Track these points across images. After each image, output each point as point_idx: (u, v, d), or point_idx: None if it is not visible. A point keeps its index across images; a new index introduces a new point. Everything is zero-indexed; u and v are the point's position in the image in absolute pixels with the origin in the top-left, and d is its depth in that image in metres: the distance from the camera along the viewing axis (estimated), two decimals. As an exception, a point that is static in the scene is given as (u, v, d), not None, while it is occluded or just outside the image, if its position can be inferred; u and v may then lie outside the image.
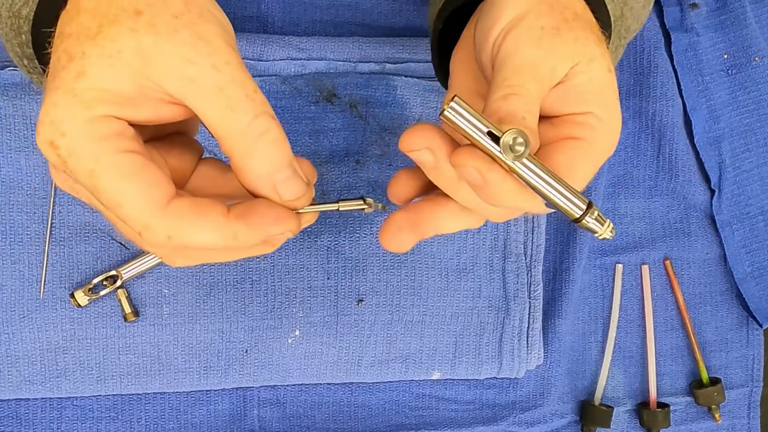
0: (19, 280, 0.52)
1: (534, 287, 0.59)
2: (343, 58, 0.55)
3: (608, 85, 0.34)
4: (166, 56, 0.29)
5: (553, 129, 0.35)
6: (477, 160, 0.31)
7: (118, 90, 0.29)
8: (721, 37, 0.62)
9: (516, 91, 0.32)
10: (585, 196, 0.33)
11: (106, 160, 0.29)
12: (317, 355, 0.56)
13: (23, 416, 0.53)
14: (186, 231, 0.30)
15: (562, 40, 0.33)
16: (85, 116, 0.29)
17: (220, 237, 0.31)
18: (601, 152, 0.35)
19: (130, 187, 0.29)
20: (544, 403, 0.61)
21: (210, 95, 0.30)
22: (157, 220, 0.30)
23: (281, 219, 0.32)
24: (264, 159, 0.31)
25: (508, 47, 0.34)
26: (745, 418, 0.65)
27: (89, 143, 0.29)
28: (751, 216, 0.63)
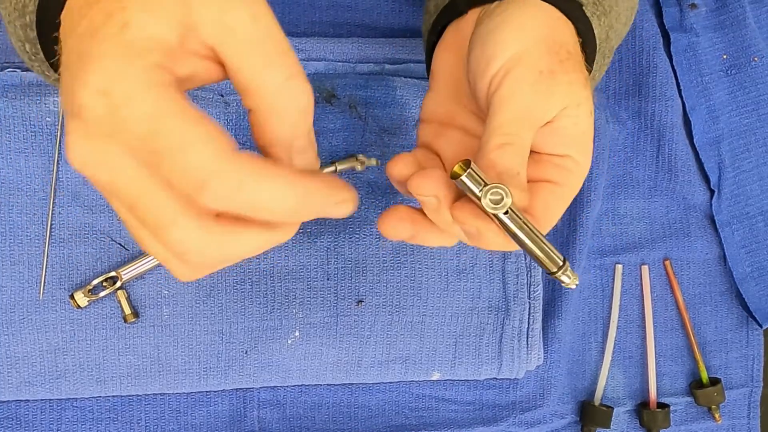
0: (18, 281, 0.52)
1: (534, 288, 0.59)
2: (342, 58, 0.55)
3: (588, 130, 0.37)
4: (206, 4, 0.28)
5: (535, 166, 0.37)
6: (477, 221, 0.34)
7: (165, 39, 0.28)
8: (720, 38, 0.62)
9: (512, 141, 0.35)
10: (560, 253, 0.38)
11: (168, 104, 0.27)
12: (317, 355, 0.56)
13: (23, 417, 0.53)
14: (258, 181, 0.28)
15: (556, 84, 0.35)
16: (139, 64, 0.27)
17: (291, 194, 0.29)
18: (572, 193, 0.38)
19: (197, 130, 0.27)
20: (544, 403, 0.61)
21: (245, 47, 0.29)
22: (229, 164, 0.27)
23: (345, 185, 0.31)
24: (288, 123, 0.31)
25: (507, 90, 0.35)
26: (745, 418, 0.65)
27: (148, 89, 0.27)
28: (751, 216, 0.63)
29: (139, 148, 0.27)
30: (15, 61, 0.51)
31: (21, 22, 0.34)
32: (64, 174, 0.52)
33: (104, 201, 0.52)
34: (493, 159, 0.35)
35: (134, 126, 0.27)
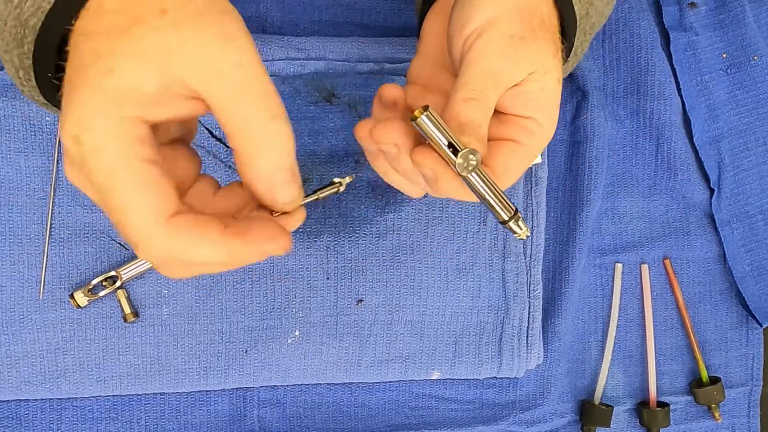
0: (18, 281, 0.52)
1: (533, 287, 0.59)
2: (342, 58, 0.55)
3: (555, 96, 0.39)
4: (191, 53, 0.30)
5: (499, 125, 0.39)
6: (435, 163, 0.37)
7: (145, 89, 0.30)
8: (720, 36, 0.62)
9: (477, 97, 0.37)
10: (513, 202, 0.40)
11: (128, 165, 0.30)
12: (317, 355, 0.56)
13: (23, 417, 0.53)
14: (186, 246, 0.31)
15: (525, 49, 0.37)
16: (114, 115, 0.29)
17: (217, 253, 0.32)
18: (533, 155, 0.40)
19: (141, 197, 0.30)
20: (544, 402, 0.61)
21: (232, 93, 0.31)
22: (160, 234, 0.30)
23: (275, 237, 0.33)
24: (269, 161, 0.32)
25: (478, 50, 0.37)
26: (744, 417, 0.65)
27: (115, 144, 0.29)
28: (751, 215, 0.63)
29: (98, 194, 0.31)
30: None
31: (18, 51, 0.35)
32: (63, 173, 0.52)
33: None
34: (457, 111, 0.37)
35: (95, 176, 0.30)
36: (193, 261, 0.32)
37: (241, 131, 0.31)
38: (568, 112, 0.61)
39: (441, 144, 0.36)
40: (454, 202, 0.57)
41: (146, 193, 0.30)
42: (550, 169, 0.60)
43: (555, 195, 0.61)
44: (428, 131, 0.36)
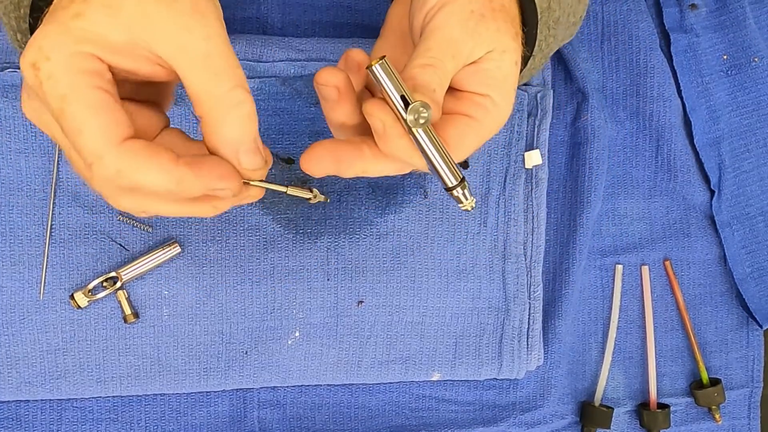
0: (18, 281, 0.52)
1: (534, 288, 0.59)
2: (342, 59, 0.55)
3: (511, 76, 0.39)
4: (164, 21, 0.32)
5: (455, 102, 0.39)
6: (385, 114, 0.36)
7: (110, 38, 0.32)
8: (720, 38, 0.62)
9: (434, 63, 0.37)
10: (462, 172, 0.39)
11: (78, 90, 0.31)
12: (317, 356, 0.56)
13: (23, 418, 0.53)
14: (135, 169, 0.32)
15: (485, 27, 0.38)
16: (71, 49, 0.31)
17: (165, 179, 0.33)
18: (488, 132, 0.40)
19: (92, 119, 0.31)
20: (544, 404, 0.61)
21: (198, 61, 0.33)
22: (110, 154, 0.32)
23: (225, 176, 0.34)
24: (234, 127, 0.34)
25: (438, 21, 0.38)
26: (745, 418, 0.65)
27: (68, 72, 0.31)
28: (751, 216, 0.63)
29: (54, 119, 0.32)
30: (15, 61, 0.51)
31: (15, 14, 0.37)
32: (64, 174, 0.52)
33: (104, 202, 0.52)
34: (414, 74, 0.37)
35: (50, 101, 0.32)
36: (141, 186, 0.32)
37: (206, 99, 0.33)
38: (568, 113, 0.61)
39: (393, 96, 0.35)
40: (455, 204, 0.57)
41: (98, 116, 0.32)
42: (550, 170, 0.60)
43: (555, 196, 0.61)
44: (381, 80, 0.35)
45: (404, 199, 0.56)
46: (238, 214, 0.54)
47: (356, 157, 0.39)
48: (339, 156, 0.38)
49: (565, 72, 0.60)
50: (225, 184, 0.34)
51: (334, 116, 0.39)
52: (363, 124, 0.39)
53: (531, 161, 0.58)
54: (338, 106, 0.38)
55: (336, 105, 0.38)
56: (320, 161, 0.38)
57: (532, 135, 0.58)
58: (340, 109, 0.38)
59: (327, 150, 0.38)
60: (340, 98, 0.38)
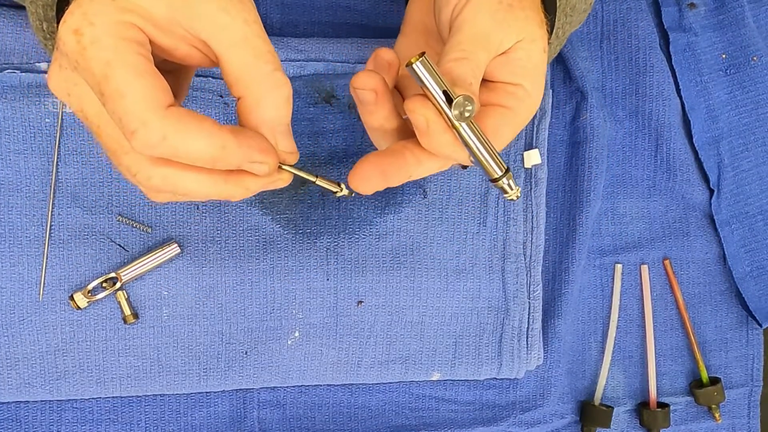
0: (18, 282, 0.52)
1: (533, 287, 0.59)
2: (341, 59, 0.55)
3: (541, 64, 0.40)
4: (206, 1, 0.33)
5: (488, 93, 0.40)
6: (427, 110, 0.36)
7: (153, 12, 0.32)
8: (719, 37, 0.62)
9: (468, 56, 0.37)
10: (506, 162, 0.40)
11: (124, 55, 0.31)
12: (317, 356, 0.56)
13: (23, 419, 0.53)
14: (181, 133, 0.32)
15: (513, 17, 0.38)
16: (116, 17, 0.32)
17: (210, 144, 0.32)
18: (523, 120, 0.40)
19: (138, 82, 0.31)
20: (544, 403, 0.61)
21: (238, 43, 0.33)
22: (156, 118, 0.31)
23: (264, 149, 0.34)
24: (275, 108, 0.35)
25: (467, 14, 0.38)
26: (745, 417, 0.65)
27: (113, 38, 0.31)
28: (750, 215, 0.63)
29: (94, 87, 0.32)
30: (14, 61, 0.51)
31: (42, 2, 0.37)
32: (63, 175, 0.52)
33: (104, 202, 0.52)
34: (449, 68, 0.37)
35: (93, 65, 0.31)
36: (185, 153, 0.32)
37: (247, 78, 0.34)
38: (567, 113, 0.61)
39: (435, 92, 0.35)
40: (454, 203, 0.57)
41: (143, 81, 0.31)
42: (549, 170, 0.60)
43: (555, 196, 0.61)
44: (423, 77, 0.35)
45: (403, 199, 0.56)
46: (238, 214, 0.54)
47: (400, 165, 0.39)
48: (384, 169, 0.39)
49: (564, 71, 0.60)
50: (265, 158, 0.34)
51: (373, 120, 0.39)
52: (401, 127, 0.40)
53: (530, 160, 0.58)
54: (377, 109, 0.38)
55: (374, 108, 0.38)
56: (369, 179, 0.39)
57: (531, 134, 0.58)
58: (379, 113, 0.39)
59: (373, 166, 0.39)
60: (378, 101, 0.38)
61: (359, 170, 0.39)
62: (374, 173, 0.39)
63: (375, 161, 0.39)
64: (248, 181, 0.36)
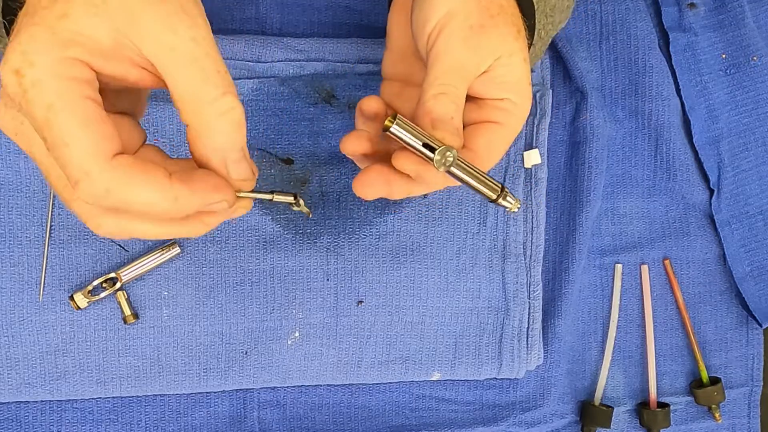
0: (18, 282, 0.52)
1: (533, 287, 0.59)
2: (341, 59, 0.55)
3: (523, 75, 0.40)
4: (150, 20, 0.30)
5: (477, 110, 0.41)
6: (414, 165, 0.38)
7: (97, 38, 0.30)
8: (719, 37, 0.62)
9: (446, 90, 0.38)
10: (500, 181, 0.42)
11: (67, 99, 0.29)
12: (317, 356, 0.56)
13: (23, 419, 0.53)
14: (127, 187, 0.30)
15: (487, 38, 0.38)
16: (59, 54, 0.29)
17: (160, 197, 0.31)
18: (513, 132, 0.41)
19: (81, 131, 0.29)
20: (544, 403, 0.61)
21: (185, 64, 0.31)
22: (100, 170, 0.30)
23: (220, 187, 0.33)
24: (222, 135, 0.33)
25: (441, 45, 0.38)
26: (745, 417, 0.65)
27: (56, 79, 0.29)
28: (750, 215, 0.63)
29: (38, 130, 0.30)
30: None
31: None
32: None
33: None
34: (429, 107, 0.38)
35: (34, 110, 0.29)
36: (132, 205, 0.30)
37: (193, 104, 0.32)
38: (567, 113, 0.61)
39: (417, 148, 0.37)
40: (454, 203, 0.57)
41: (87, 128, 0.30)
42: (549, 170, 0.60)
43: (555, 196, 0.61)
44: (403, 138, 0.37)
45: (403, 199, 0.56)
46: (238, 215, 0.54)
47: (405, 181, 0.40)
48: (389, 179, 0.40)
49: (564, 71, 0.60)
50: (221, 196, 0.33)
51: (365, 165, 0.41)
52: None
53: (530, 161, 0.58)
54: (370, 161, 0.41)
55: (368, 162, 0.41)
56: (372, 185, 0.40)
57: (531, 134, 0.58)
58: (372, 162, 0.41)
59: (378, 173, 0.40)
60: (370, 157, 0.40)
61: (365, 176, 0.40)
62: (379, 181, 0.40)
63: (381, 170, 0.40)
64: (207, 218, 0.35)
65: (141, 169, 0.31)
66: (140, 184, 0.30)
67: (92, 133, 0.30)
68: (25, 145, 0.32)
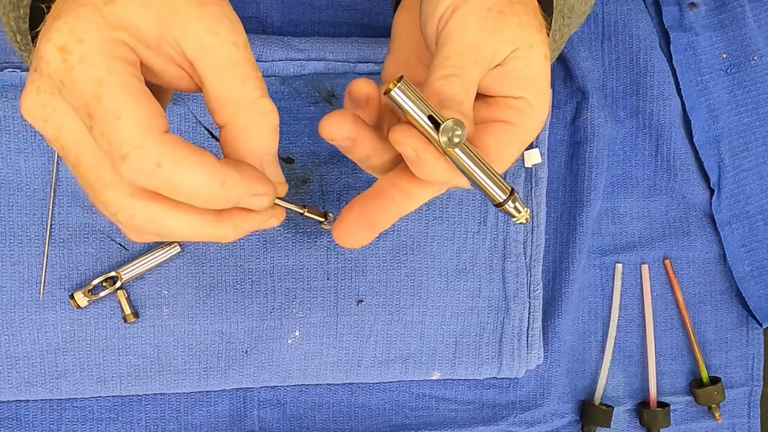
0: (18, 281, 0.52)
1: (534, 287, 0.59)
2: (342, 58, 0.55)
3: (543, 73, 0.36)
4: (194, 19, 0.30)
5: (487, 108, 0.36)
6: (414, 140, 0.33)
7: (143, 28, 0.30)
8: (719, 37, 0.62)
9: (457, 72, 0.34)
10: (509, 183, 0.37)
11: (117, 74, 0.29)
12: (317, 355, 0.56)
13: (23, 418, 0.53)
14: (179, 163, 0.29)
15: (506, 24, 0.34)
16: (107, 34, 0.29)
17: (210, 178, 0.30)
18: (528, 136, 0.37)
19: (135, 104, 0.29)
20: (544, 402, 0.61)
21: (224, 66, 0.31)
22: (153, 143, 0.29)
23: (264, 180, 0.32)
24: (261, 136, 0.32)
25: (454, 25, 0.35)
26: (745, 417, 0.65)
27: (105, 56, 0.29)
28: (751, 215, 0.63)
29: (81, 109, 0.29)
30: (15, 61, 0.51)
31: (15, 14, 0.35)
32: (63, 174, 0.52)
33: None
34: (437, 87, 0.34)
35: (81, 86, 0.29)
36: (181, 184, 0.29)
37: (233, 105, 0.31)
38: (568, 112, 0.61)
39: (420, 118, 0.32)
40: (454, 203, 0.57)
41: (139, 102, 0.29)
42: (550, 169, 0.60)
43: (555, 195, 0.61)
44: (404, 105, 0.32)
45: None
46: (238, 214, 0.54)
47: (388, 208, 0.36)
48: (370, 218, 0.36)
49: (565, 71, 0.60)
50: (265, 188, 0.32)
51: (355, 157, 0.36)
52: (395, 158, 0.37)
53: (530, 160, 0.58)
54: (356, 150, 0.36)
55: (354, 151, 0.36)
56: (355, 233, 0.36)
57: (531, 134, 0.58)
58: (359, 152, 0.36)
59: (356, 219, 0.36)
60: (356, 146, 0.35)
61: (342, 224, 0.36)
62: (359, 226, 0.36)
63: (359, 212, 0.36)
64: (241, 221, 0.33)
65: (193, 148, 0.30)
66: (192, 162, 0.29)
67: (145, 107, 0.29)
68: (53, 132, 0.31)
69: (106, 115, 0.28)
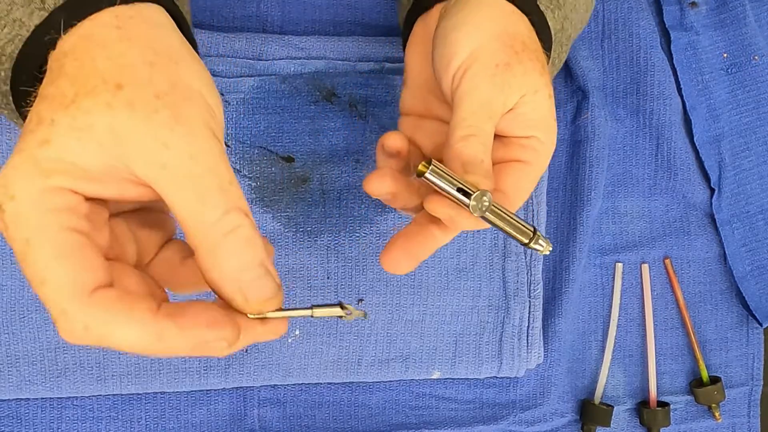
0: (18, 280, 0.52)
1: (534, 286, 0.59)
2: (342, 57, 0.55)
3: (549, 112, 0.40)
4: (140, 138, 0.28)
5: (504, 149, 0.41)
6: (447, 209, 0.38)
7: (83, 165, 0.28)
8: (720, 36, 0.62)
9: (474, 132, 0.37)
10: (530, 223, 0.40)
11: (44, 234, 0.27)
12: (317, 354, 0.56)
13: (23, 416, 0.53)
14: (106, 324, 0.28)
15: (512, 75, 0.38)
16: (39, 185, 0.28)
17: (143, 335, 0.28)
18: (540, 170, 0.41)
19: (57, 268, 0.27)
20: (544, 402, 0.61)
21: (180, 184, 0.28)
22: (76, 308, 0.28)
23: (216, 324, 0.29)
24: (231, 258, 0.30)
25: (466, 86, 0.38)
26: (745, 416, 0.65)
27: (36, 212, 0.27)
28: (751, 215, 0.63)
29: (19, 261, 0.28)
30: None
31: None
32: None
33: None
34: (458, 150, 0.37)
35: (13, 244, 0.28)
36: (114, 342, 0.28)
37: (195, 226, 0.29)
38: (568, 112, 0.61)
39: (452, 193, 0.37)
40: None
41: (63, 265, 0.27)
42: (550, 169, 0.60)
43: (555, 195, 0.61)
44: (437, 184, 0.37)
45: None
46: (238, 213, 0.54)
47: (427, 242, 0.41)
48: (411, 251, 0.40)
49: (566, 70, 0.60)
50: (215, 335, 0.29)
51: (395, 206, 0.42)
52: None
53: (531, 159, 0.58)
54: (397, 201, 0.41)
55: (395, 201, 0.41)
56: (399, 262, 0.41)
57: (532, 133, 0.58)
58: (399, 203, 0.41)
59: (400, 250, 0.41)
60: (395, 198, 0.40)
61: (389, 255, 0.41)
62: (403, 257, 0.40)
63: (402, 245, 0.40)
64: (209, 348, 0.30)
65: (122, 304, 0.28)
66: (122, 321, 0.28)
67: (69, 268, 0.27)
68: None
69: (33, 278, 0.28)
